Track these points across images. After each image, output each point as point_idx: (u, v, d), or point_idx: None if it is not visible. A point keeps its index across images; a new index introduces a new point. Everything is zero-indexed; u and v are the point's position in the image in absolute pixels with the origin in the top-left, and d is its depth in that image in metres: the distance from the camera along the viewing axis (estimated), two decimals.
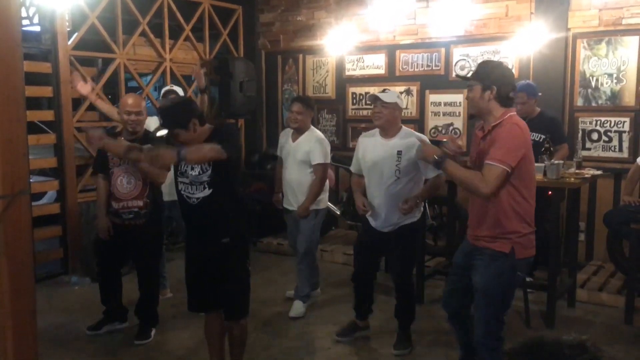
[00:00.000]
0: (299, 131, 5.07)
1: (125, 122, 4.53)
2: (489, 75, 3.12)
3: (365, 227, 4.42)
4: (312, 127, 5.15)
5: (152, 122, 5.13)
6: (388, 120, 4.22)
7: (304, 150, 5.01)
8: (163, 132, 3.25)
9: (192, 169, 3.44)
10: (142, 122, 4.55)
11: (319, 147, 4.98)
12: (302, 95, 4.74)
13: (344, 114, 7.74)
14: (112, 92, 7.41)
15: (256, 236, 7.39)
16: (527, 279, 5.12)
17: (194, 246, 3.57)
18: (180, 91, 5.50)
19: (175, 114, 3.36)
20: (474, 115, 3.25)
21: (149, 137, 4.22)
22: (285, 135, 5.22)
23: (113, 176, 4.52)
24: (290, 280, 5.95)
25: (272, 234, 7.50)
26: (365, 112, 7.55)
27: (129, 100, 4.56)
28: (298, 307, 5.15)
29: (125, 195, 4.49)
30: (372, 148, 4.30)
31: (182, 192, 3.50)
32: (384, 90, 4.39)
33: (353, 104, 7.67)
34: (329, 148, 5.08)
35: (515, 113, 3.19)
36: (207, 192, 3.41)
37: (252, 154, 8.12)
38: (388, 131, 4.25)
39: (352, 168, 4.55)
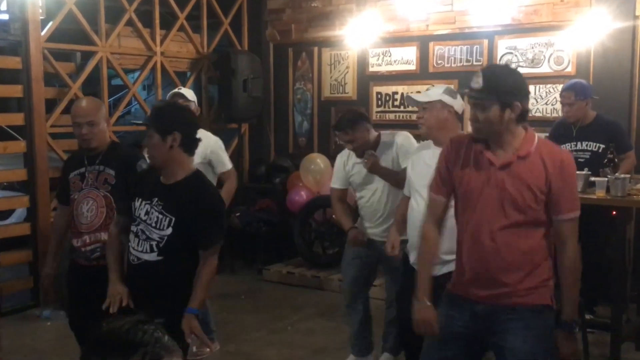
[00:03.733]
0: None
1: (77, 137, 4.10)
2: (506, 88, 2.86)
3: (407, 267, 4.04)
4: (379, 133, 4.84)
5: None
6: (432, 125, 3.91)
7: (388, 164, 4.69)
8: (141, 124, 3.21)
9: (147, 213, 3.32)
10: (99, 136, 4.05)
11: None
12: (345, 114, 4.67)
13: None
14: (92, 92, 7.36)
15: (261, 263, 7.41)
16: (587, 317, 5.06)
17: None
18: (190, 97, 5.36)
19: (161, 114, 3.38)
20: (478, 139, 2.97)
21: (122, 149, 4.23)
22: (345, 156, 4.90)
23: (74, 204, 4.13)
24: (306, 315, 5.92)
25: (280, 260, 7.53)
26: (392, 116, 7.55)
27: (79, 105, 4.12)
28: None
29: (86, 227, 4.06)
30: (423, 164, 3.95)
31: (129, 239, 3.40)
32: (428, 89, 4.16)
33: (378, 105, 7.65)
34: None
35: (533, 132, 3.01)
36: (153, 256, 3.30)
37: (258, 165, 8.17)
38: (439, 139, 3.87)
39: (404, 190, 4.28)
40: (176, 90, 5.46)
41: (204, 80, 7.97)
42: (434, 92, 3.98)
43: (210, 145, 5.09)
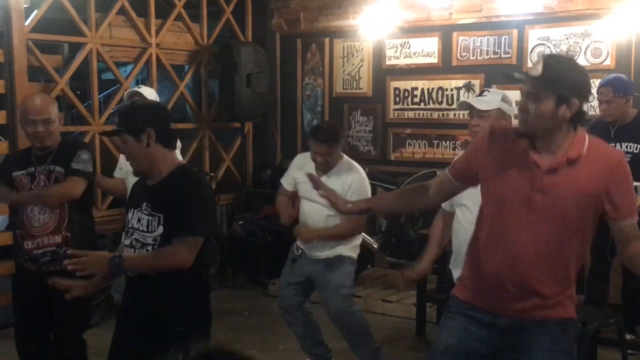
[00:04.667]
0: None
1: (29, 136, 4.23)
2: (567, 81, 2.80)
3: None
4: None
5: None
6: None
7: None
8: (111, 131, 3.36)
9: (139, 220, 3.36)
10: (54, 134, 4.24)
11: None
12: (328, 126, 5.03)
13: (384, 116, 7.68)
14: (81, 87, 7.48)
15: (267, 276, 7.36)
16: (628, 337, 5.10)
17: (126, 323, 3.49)
18: (151, 95, 5.52)
19: (129, 115, 3.42)
20: (524, 134, 2.90)
21: (69, 143, 4.34)
22: (304, 159, 5.16)
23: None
24: None
25: None
26: (412, 114, 7.49)
27: (33, 102, 4.25)
28: None
29: (38, 230, 4.18)
30: None
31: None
32: (482, 93, 4.15)
33: (396, 102, 7.60)
34: None
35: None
36: None
37: (263, 168, 8.13)
38: None
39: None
40: (135, 89, 5.66)
41: (203, 74, 7.91)
42: (492, 99, 3.99)
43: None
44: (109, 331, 3.60)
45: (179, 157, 4.23)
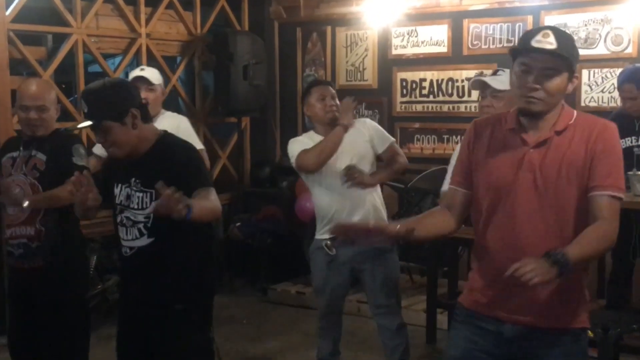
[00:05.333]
0: None
1: (22, 121, 4.24)
2: (575, 53, 2.84)
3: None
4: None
5: (165, 122, 5.02)
6: None
7: None
8: (85, 124, 3.32)
9: (128, 197, 3.39)
10: (48, 122, 4.22)
11: None
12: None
13: (390, 109, 7.67)
14: (66, 80, 7.45)
15: (266, 281, 7.38)
16: None
17: (130, 312, 3.57)
18: (155, 79, 5.52)
19: (105, 98, 3.30)
20: (534, 114, 2.83)
21: (61, 135, 4.34)
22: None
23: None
24: None
25: (288, 278, 7.45)
26: (420, 107, 7.45)
27: (28, 87, 4.26)
28: None
29: (11, 220, 4.21)
30: None
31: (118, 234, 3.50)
32: (496, 72, 4.13)
33: (403, 95, 7.58)
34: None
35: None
36: (144, 240, 3.38)
37: (262, 166, 8.13)
38: None
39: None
40: (137, 74, 5.53)
41: (197, 66, 7.92)
42: (507, 77, 3.87)
43: (180, 127, 5.27)
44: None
45: None
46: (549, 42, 2.72)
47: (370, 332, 5.79)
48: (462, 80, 7.13)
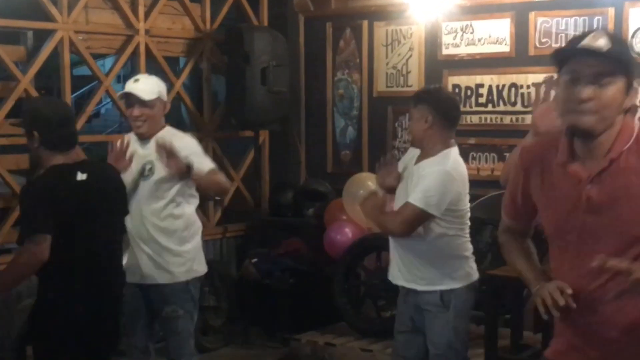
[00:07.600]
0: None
1: None
2: (632, 60, 2.82)
3: None
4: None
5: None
6: None
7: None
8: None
9: None
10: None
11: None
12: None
13: None
14: (48, 85, 7.72)
15: (288, 331, 7.23)
16: None
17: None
18: (156, 86, 5.25)
19: (24, 114, 4.20)
20: (586, 132, 2.81)
21: None
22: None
23: None
24: None
25: (314, 327, 7.26)
26: (476, 119, 7.38)
27: None
28: None
29: None
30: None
31: None
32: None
33: None
34: None
35: None
36: None
37: (283, 190, 8.13)
38: None
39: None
40: (130, 87, 5.16)
41: (205, 69, 7.93)
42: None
43: (186, 147, 5.13)
44: None
45: None
46: (602, 43, 2.72)
47: None
48: (528, 87, 7.05)
